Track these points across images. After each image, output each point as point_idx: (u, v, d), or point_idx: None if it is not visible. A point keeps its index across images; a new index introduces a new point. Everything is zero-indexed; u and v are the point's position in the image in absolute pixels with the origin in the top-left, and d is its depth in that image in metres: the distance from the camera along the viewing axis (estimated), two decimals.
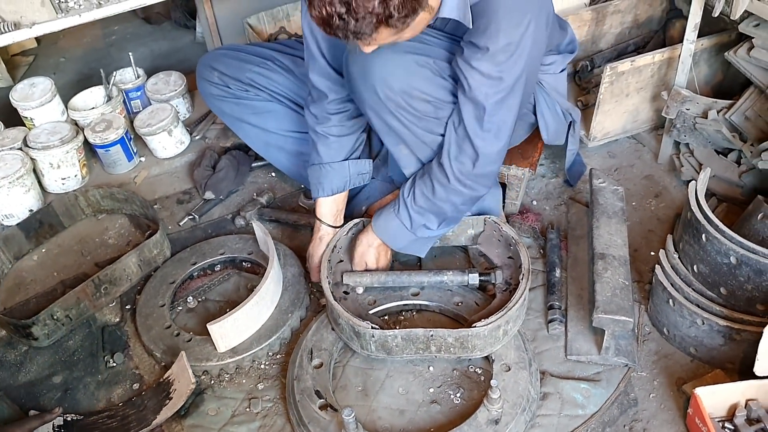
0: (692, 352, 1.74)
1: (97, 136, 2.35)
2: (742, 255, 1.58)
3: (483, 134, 1.65)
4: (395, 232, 1.86)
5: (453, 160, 1.71)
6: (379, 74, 1.63)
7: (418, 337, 1.68)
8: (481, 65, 1.56)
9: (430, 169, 1.76)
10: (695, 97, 2.06)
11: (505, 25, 1.51)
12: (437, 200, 1.77)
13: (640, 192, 2.21)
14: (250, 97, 2.12)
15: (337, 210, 1.99)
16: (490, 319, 1.66)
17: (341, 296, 1.86)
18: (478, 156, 1.68)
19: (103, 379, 1.85)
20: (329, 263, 1.88)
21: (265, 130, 2.17)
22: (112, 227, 2.29)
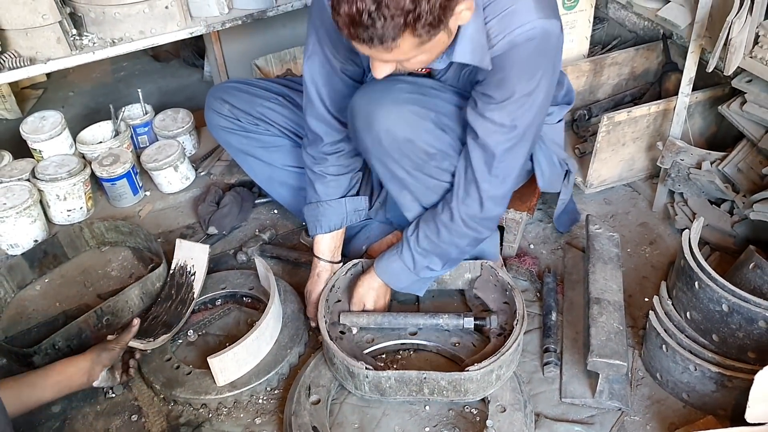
0: (685, 398, 1.76)
1: (104, 170, 2.40)
2: (734, 303, 1.61)
3: (491, 179, 1.69)
4: (397, 273, 1.89)
5: (460, 203, 1.74)
6: (383, 124, 1.67)
7: (411, 379, 1.70)
8: (494, 115, 1.59)
9: (435, 213, 1.80)
10: (689, 148, 2.12)
11: (520, 79, 1.54)
12: (442, 242, 1.80)
13: (635, 239, 2.25)
14: (260, 131, 2.15)
15: (335, 246, 2.03)
16: (483, 363, 1.67)
17: (337, 336, 1.88)
18: (484, 200, 1.72)
19: (102, 409, 1.86)
20: (327, 302, 1.90)
21: (271, 164, 2.20)
22: (115, 259, 2.32)
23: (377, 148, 1.73)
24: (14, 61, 2.10)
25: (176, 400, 1.85)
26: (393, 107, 1.66)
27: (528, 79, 1.55)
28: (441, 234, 1.79)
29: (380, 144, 1.71)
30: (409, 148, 1.70)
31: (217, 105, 2.14)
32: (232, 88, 2.17)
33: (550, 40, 1.53)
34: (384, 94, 1.67)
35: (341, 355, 1.72)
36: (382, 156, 1.75)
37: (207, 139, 2.77)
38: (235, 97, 2.13)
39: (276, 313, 1.92)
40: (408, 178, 1.78)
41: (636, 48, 2.50)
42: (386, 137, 1.69)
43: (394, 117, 1.66)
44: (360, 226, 2.15)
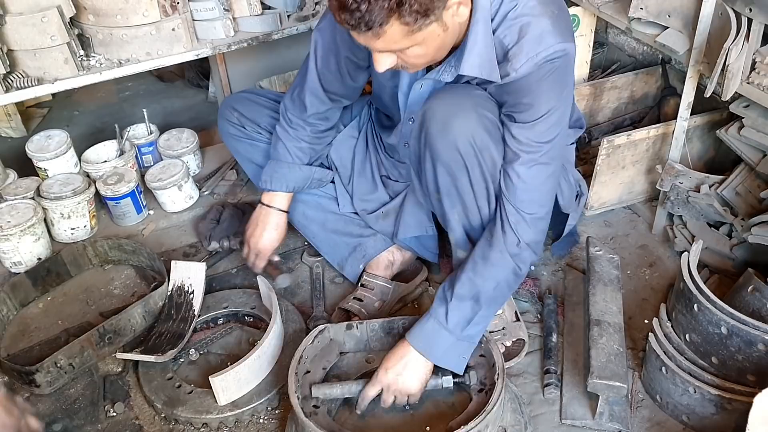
0: (685, 420, 1.77)
1: (109, 189, 2.42)
2: (733, 326, 1.63)
3: (529, 202, 1.69)
4: (431, 335, 1.73)
5: (500, 230, 1.71)
6: (464, 130, 1.64)
7: None
8: (524, 135, 1.63)
9: (470, 253, 1.76)
10: (688, 172, 2.15)
11: (548, 99, 1.59)
12: (478, 278, 1.71)
13: (635, 261, 2.27)
14: (264, 140, 2.16)
15: (287, 205, 2.11)
16: (470, 425, 1.60)
17: (311, 411, 1.75)
18: (525, 223, 1.70)
19: (102, 428, 1.87)
20: (296, 375, 1.76)
21: None
22: (118, 278, 2.33)
23: (450, 153, 1.67)
24: (22, 81, 2.14)
25: (177, 419, 1.85)
26: (473, 113, 1.63)
27: (556, 98, 1.60)
28: (478, 269, 1.71)
29: (455, 149, 1.66)
30: (484, 157, 1.66)
31: (227, 113, 2.18)
32: (243, 97, 2.21)
33: (570, 61, 1.60)
34: (464, 100, 1.65)
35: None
36: (451, 162, 1.69)
37: (211, 159, 2.79)
38: (244, 106, 2.17)
39: (278, 333, 1.94)
40: (469, 189, 1.72)
41: (635, 72, 2.54)
42: (464, 143, 1.64)
43: (474, 123, 1.63)
44: (352, 247, 2.17)
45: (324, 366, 1.87)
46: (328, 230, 2.19)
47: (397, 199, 2.11)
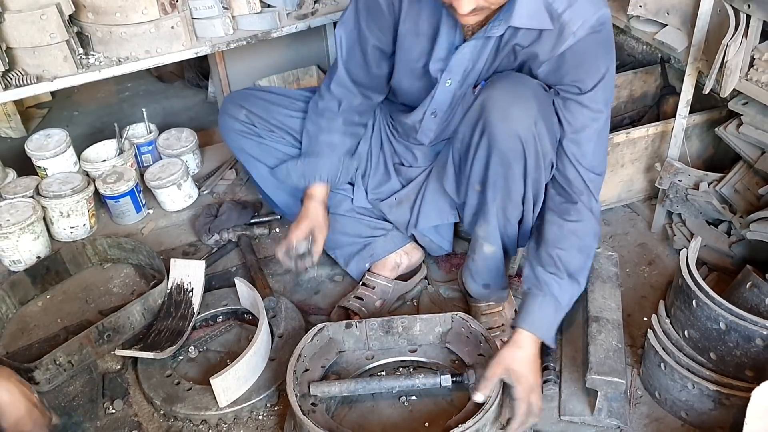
0: (683, 416, 1.77)
1: (108, 188, 2.42)
2: (731, 321, 1.63)
3: (593, 166, 1.72)
4: (550, 318, 1.71)
5: (588, 193, 1.73)
6: (526, 118, 1.63)
7: None
8: (588, 102, 1.65)
9: (554, 229, 1.73)
10: (687, 170, 2.15)
11: (605, 60, 1.63)
12: (585, 251, 1.74)
13: (634, 259, 2.27)
14: (274, 138, 2.09)
15: (326, 195, 2.05)
16: (467, 424, 1.59)
17: (309, 409, 1.74)
18: (592, 190, 1.73)
19: (101, 425, 1.87)
20: (295, 374, 1.76)
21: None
22: (117, 276, 2.33)
23: (509, 141, 1.65)
24: (21, 79, 2.14)
25: (176, 416, 1.85)
26: (534, 102, 1.63)
27: (610, 58, 1.64)
28: (580, 241, 1.71)
29: (516, 137, 1.64)
30: (543, 145, 1.66)
31: (233, 109, 2.10)
32: (250, 94, 2.14)
33: (611, 24, 1.64)
34: (522, 88, 1.65)
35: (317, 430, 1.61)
36: (509, 151, 1.66)
37: (210, 158, 2.80)
38: (253, 103, 2.09)
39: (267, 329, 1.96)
40: (521, 179, 1.71)
41: (634, 71, 2.54)
42: (526, 130, 1.63)
43: (536, 111, 1.63)
44: (361, 245, 2.16)
45: (323, 364, 1.87)
46: (336, 231, 2.12)
47: (410, 187, 2.07)
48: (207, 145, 2.87)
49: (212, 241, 2.38)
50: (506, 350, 1.66)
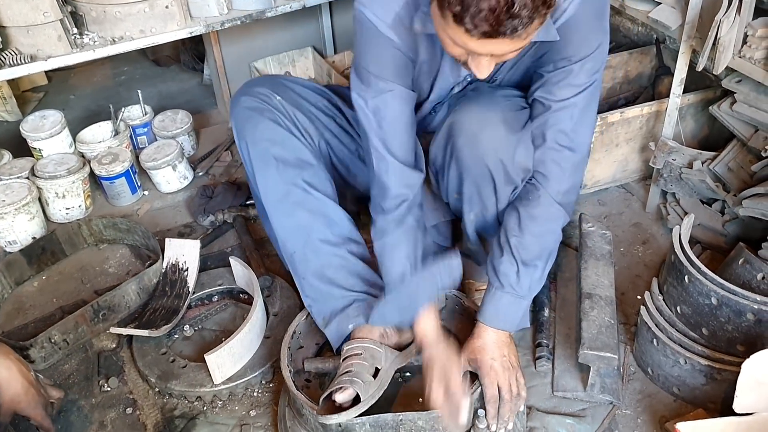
0: (675, 392, 1.78)
1: (103, 168, 2.43)
2: (723, 296, 1.63)
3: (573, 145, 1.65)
4: (508, 308, 1.68)
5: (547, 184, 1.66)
6: (492, 144, 1.61)
7: (387, 422, 1.56)
8: (574, 78, 1.57)
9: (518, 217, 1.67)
10: (681, 148, 2.15)
11: (596, 31, 1.55)
12: (542, 237, 1.68)
13: (629, 239, 2.28)
14: (297, 135, 1.81)
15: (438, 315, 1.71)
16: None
17: (303, 385, 1.74)
18: (570, 169, 1.67)
19: (96, 402, 1.88)
20: (289, 350, 1.75)
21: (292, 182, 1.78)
22: (113, 257, 2.34)
23: (478, 167, 1.66)
24: (15, 59, 2.13)
25: (171, 393, 1.86)
26: (502, 126, 1.61)
27: (602, 31, 1.57)
28: (535, 228, 1.65)
29: (483, 164, 1.64)
30: (513, 167, 1.64)
31: (250, 90, 1.83)
32: (279, 83, 1.88)
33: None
34: (491, 110, 1.61)
35: (310, 405, 1.59)
36: (479, 176, 1.67)
37: (206, 140, 2.80)
38: (282, 90, 1.84)
39: (261, 306, 1.96)
40: (493, 196, 1.72)
41: (629, 52, 2.53)
42: (493, 158, 1.63)
43: (504, 136, 1.61)
44: (350, 300, 1.77)
45: (317, 342, 1.87)
46: (324, 279, 1.77)
47: None
48: (202, 127, 2.87)
49: (207, 222, 2.38)
50: (468, 342, 1.70)
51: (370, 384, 1.56)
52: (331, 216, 1.77)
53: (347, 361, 1.64)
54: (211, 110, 3.10)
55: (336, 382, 1.58)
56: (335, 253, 1.75)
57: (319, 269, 1.75)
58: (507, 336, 1.69)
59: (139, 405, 1.86)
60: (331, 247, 1.75)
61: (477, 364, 1.65)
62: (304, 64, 2.89)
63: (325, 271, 1.74)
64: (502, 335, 1.68)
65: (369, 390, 1.55)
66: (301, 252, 1.76)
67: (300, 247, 1.76)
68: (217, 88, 2.97)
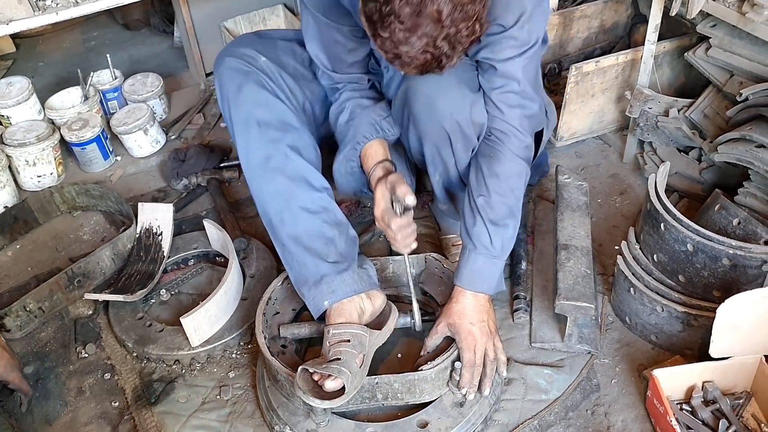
0: (653, 340, 1.78)
1: (74, 134, 2.38)
2: (698, 242, 1.63)
3: (522, 103, 1.65)
4: (483, 270, 1.67)
5: (505, 140, 1.66)
6: (448, 109, 1.63)
7: (363, 385, 1.57)
8: (511, 41, 1.55)
9: (481, 181, 1.67)
10: (657, 96, 2.13)
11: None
12: (508, 195, 1.66)
13: (606, 190, 2.27)
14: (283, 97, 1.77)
15: (383, 148, 1.77)
16: (436, 361, 1.60)
17: (279, 350, 1.73)
18: (523, 126, 1.67)
19: (74, 369, 1.87)
20: (264, 317, 1.74)
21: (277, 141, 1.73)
22: (87, 224, 2.31)
23: (436, 132, 1.68)
24: None
25: (149, 358, 1.86)
26: (457, 91, 1.62)
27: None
28: (500, 187, 1.65)
29: (441, 128, 1.66)
30: (469, 128, 1.66)
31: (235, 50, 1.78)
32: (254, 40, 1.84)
33: None
34: (443, 76, 1.54)
35: (285, 371, 1.59)
36: (437, 139, 1.70)
37: (178, 103, 2.76)
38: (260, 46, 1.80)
39: (237, 268, 1.94)
40: (452, 156, 1.73)
41: (605, 1, 2.49)
42: (450, 122, 1.64)
43: (458, 100, 1.62)
44: (318, 277, 1.70)
45: (293, 307, 1.85)
46: (301, 246, 1.72)
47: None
48: (174, 90, 2.82)
49: (181, 186, 2.35)
50: (446, 306, 1.70)
51: (356, 374, 1.54)
52: (311, 183, 1.73)
53: (336, 347, 1.60)
54: (183, 73, 3.04)
55: (324, 367, 1.53)
56: (312, 221, 1.71)
57: (296, 236, 1.71)
58: (486, 300, 1.68)
59: (117, 370, 1.85)
60: (309, 215, 1.72)
61: (455, 328, 1.65)
62: (276, 23, 2.83)
63: (302, 238, 1.71)
64: (481, 299, 1.67)
65: (355, 381, 1.53)
66: (279, 218, 1.73)
67: (278, 212, 1.73)
68: (187, 50, 2.90)
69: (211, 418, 1.72)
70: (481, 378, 1.64)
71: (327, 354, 1.60)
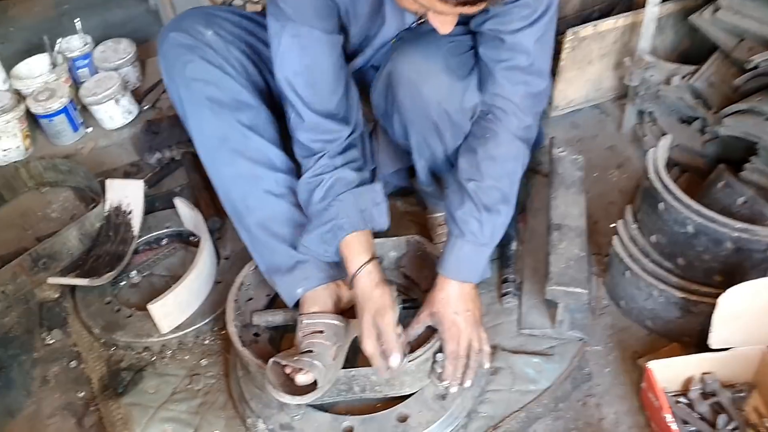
0: (649, 326, 1.68)
1: (40, 106, 2.26)
2: (700, 224, 1.51)
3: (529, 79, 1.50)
4: (470, 258, 1.52)
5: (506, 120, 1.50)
6: (435, 96, 1.48)
7: (339, 378, 1.48)
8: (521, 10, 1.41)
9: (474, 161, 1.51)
10: (659, 63, 1.99)
11: None
12: (503, 180, 1.52)
13: (603, 163, 2.14)
14: (232, 75, 1.61)
15: (369, 242, 1.57)
16: (417, 353, 1.49)
17: (251, 339, 1.63)
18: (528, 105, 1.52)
19: (39, 356, 1.78)
20: (236, 303, 1.64)
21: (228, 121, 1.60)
22: (56, 200, 2.20)
23: (421, 120, 1.54)
24: None
25: (117, 345, 1.77)
26: (445, 77, 1.47)
27: None
28: (495, 171, 1.49)
29: (427, 117, 1.52)
30: (459, 117, 1.52)
31: (180, 25, 1.62)
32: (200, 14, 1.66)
33: None
34: (430, 60, 1.46)
35: (257, 363, 1.49)
36: (424, 127, 1.55)
37: (153, 71, 2.62)
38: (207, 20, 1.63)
39: (211, 251, 1.83)
40: (441, 145, 1.59)
41: None
42: (437, 110, 1.50)
43: (446, 87, 1.47)
44: (291, 263, 1.61)
45: (268, 293, 1.74)
46: (269, 232, 1.62)
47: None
48: (149, 57, 2.67)
49: (154, 160, 2.23)
50: (429, 294, 1.57)
51: (330, 367, 1.44)
52: (274, 163, 1.60)
53: (309, 339, 1.49)
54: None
55: (296, 360, 1.44)
56: (280, 204, 1.59)
57: (263, 221, 1.59)
58: (471, 288, 1.56)
59: (84, 358, 1.76)
60: (276, 198, 1.59)
61: (438, 318, 1.53)
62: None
63: (269, 224, 1.59)
64: (466, 287, 1.55)
65: (328, 375, 1.43)
66: (244, 204, 1.60)
67: (242, 198, 1.60)
68: (163, 14, 2.76)
69: (181, 410, 1.63)
70: (464, 370, 1.54)
71: (300, 345, 1.50)
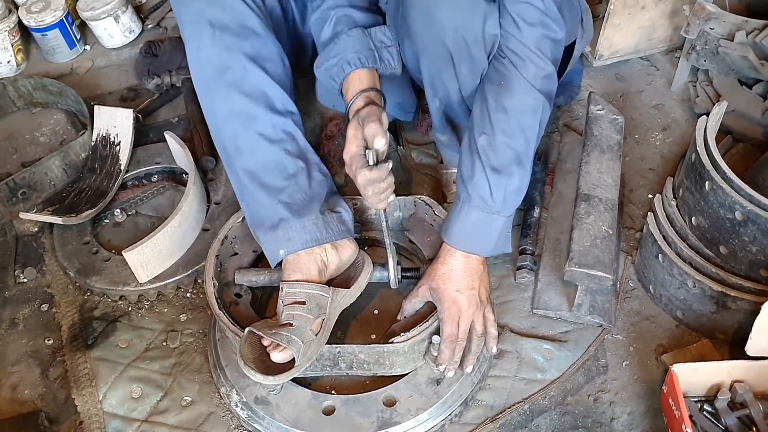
0: (679, 316, 1.49)
1: (32, 18, 2.08)
2: (750, 211, 1.30)
3: (547, 22, 1.32)
4: (480, 226, 1.36)
5: (519, 66, 1.33)
6: (451, 22, 1.30)
7: (323, 353, 1.35)
8: None
9: (485, 113, 1.34)
10: (722, 15, 1.73)
11: None
12: (515, 137, 1.33)
13: (646, 123, 1.91)
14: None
15: (373, 79, 1.44)
16: (411, 333, 1.34)
17: (232, 300, 1.48)
18: (542, 51, 1.32)
19: (10, 295, 1.67)
20: (217, 259, 1.48)
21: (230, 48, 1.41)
22: (47, 123, 2.04)
23: (435, 48, 1.35)
24: None
25: (92, 290, 1.63)
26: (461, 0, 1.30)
27: None
28: (509, 126, 1.32)
29: (442, 44, 1.34)
30: (477, 46, 1.32)
31: None
32: None
33: None
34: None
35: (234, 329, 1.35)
36: (437, 57, 1.37)
37: None
38: None
39: (198, 195, 1.66)
40: (455, 81, 1.40)
41: None
42: (454, 38, 1.32)
43: (466, 12, 1.29)
44: (275, 220, 1.40)
45: (255, 249, 1.57)
46: (256, 181, 1.43)
47: None
48: None
49: (152, 85, 2.05)
50: (431, 266, 1.40)
51: (310, 344, 1.29)
52: (273, 103, 1.40)
53: (289, 310, 1.32)
54: None
55: (273, 333, 1.28)
56: (273, 151, 1.40)
57: (252, 168, 1.40)
58: (479, 262, 1.38)
59: (57, 302, 1.64)
60: (269, 144, 1.39)
61: (438, 295, 1.36)
62: None
63: (258, 171, 1.40)
64: (473, 261, 1.36)
65: (308, 352, 1.28)
66: (234, 145, 1.41)
67: (233, 138, 1.41)
68: None
69: (152, 369, 1.50)
70: (464, 354, 1.37)
71: (280, 316, 1.33)
